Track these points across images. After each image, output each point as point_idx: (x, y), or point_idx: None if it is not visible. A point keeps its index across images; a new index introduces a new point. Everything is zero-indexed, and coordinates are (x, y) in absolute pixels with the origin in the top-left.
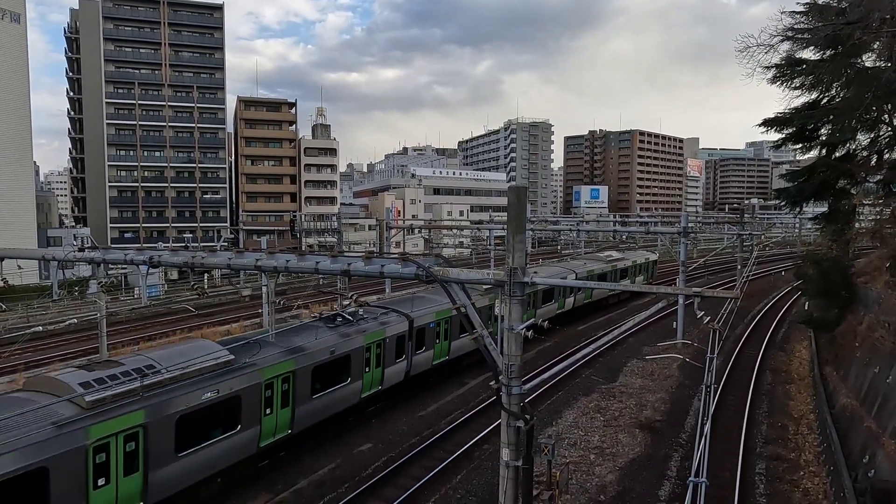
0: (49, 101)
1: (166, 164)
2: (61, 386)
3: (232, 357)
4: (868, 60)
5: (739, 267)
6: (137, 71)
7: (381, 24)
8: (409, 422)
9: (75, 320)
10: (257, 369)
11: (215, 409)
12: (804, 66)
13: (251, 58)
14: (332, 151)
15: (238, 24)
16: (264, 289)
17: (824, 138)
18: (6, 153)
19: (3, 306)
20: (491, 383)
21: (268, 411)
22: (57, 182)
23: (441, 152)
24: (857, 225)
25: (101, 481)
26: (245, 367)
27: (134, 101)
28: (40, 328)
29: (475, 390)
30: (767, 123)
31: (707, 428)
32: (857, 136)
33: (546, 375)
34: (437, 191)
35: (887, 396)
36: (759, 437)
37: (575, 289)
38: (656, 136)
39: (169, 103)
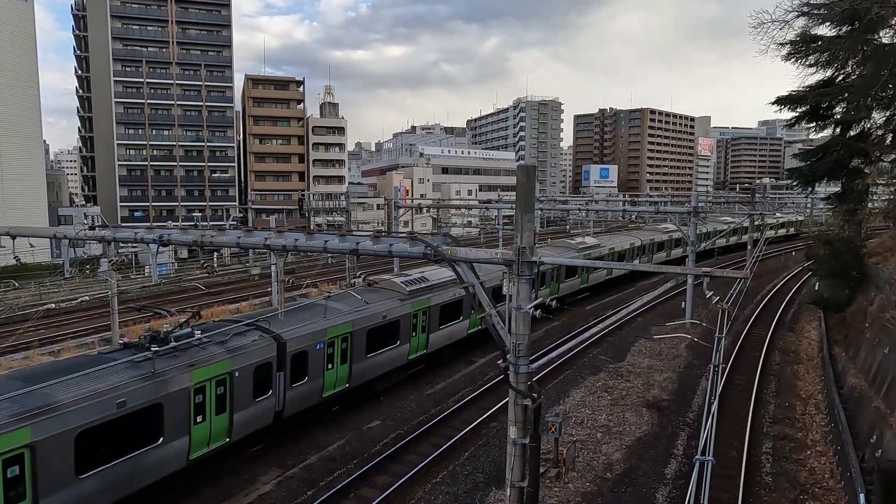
0: (57, 79)
1: (175, 143)
2: (397, 284)
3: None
4: (885, 37)
5: (749, 247)
6: (145, 49)
7: (387, 1)
8: (418, 399)
9: (87, 298)
10: None
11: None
12: (819, 43)
13: (257, 35)
14: (341, 130)
15: (243, 0)
16: (273, 267)
17: (839, 117)
18: (16, 132)
19: (17, 284)
20: (499, 362)
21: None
22: (67, 161)
23: (450, 131)
24: (869, 205)
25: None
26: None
27: (142, 80)
28: (53, 305)
29: (483, 369)
30: (781, 101)
31: (714, 407)
32: (873, 115)
33: (554, 354)
34: (445, 170)
35: None
36: (767, 416)
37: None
38: (667, 114)
39: (177, 81)
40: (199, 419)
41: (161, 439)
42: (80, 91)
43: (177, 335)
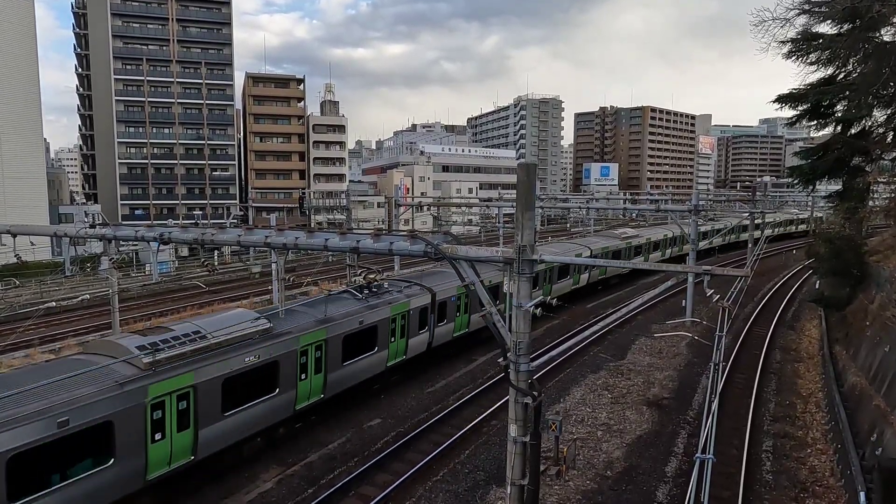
0: (57, 77)
1: (175, 141)
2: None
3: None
4: (887, 34)
5: (750, 245)
6: (145, 47)
7: None
8: (418, 397)
9: (87, 296)
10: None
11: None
12: (821, 41)
13: (256, 33)
14: (341, 128)
15: None
16: (274, 266)
17: (840, 115)
18: (17, 130)
19: (17, 282)
20: (499, 360)
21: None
22: (67, 159)
23: (450, 129)
24: (870, 203)
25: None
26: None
27: (142, 78)
28: (53, 304)
29: (483, 367)
30: (782, 100)
31: (715, 405)
32: (874, 113)
33: (554, 353)
34: (445, 168)
35: None
36: (767, 414)
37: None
38: (668, 112)
39: (177, 79)
40: (391, 339)
41: (376, 349)
42: (81, 89)
43: (375, 285)
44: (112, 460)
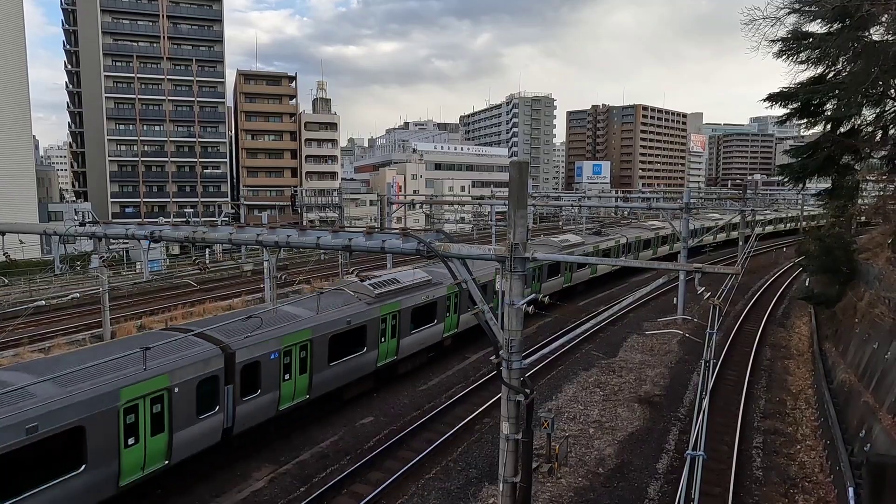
0: (46, 74)
1: (166, 139)
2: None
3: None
4: (876, 34)
5: (741, 243)
6: (136, 44)
7: None
8: (411, 395)
9: (78, 294)
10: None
11: None
12: (811, 40)
13: (247, 30)
14: (333, 126)
15: None
16: (266, 264)
17: (829, 113)
18: (5, 127)
19: (6, 280)
20: (491, 358)
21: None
22: (57, 156)
23: (442, 127)
24: (860, 201)
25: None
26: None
27: (133, 75)
28: (43, 302)
29: (476, 365)
30: (772, 98)
31: (706, 402)
32: (863, 111)
33: (546, 350)
34: (438, 166)
35: (886, 372)
36: (758, 411)
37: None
38: (660, 110)
39: (168, 77)
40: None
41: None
42: (70, 86)
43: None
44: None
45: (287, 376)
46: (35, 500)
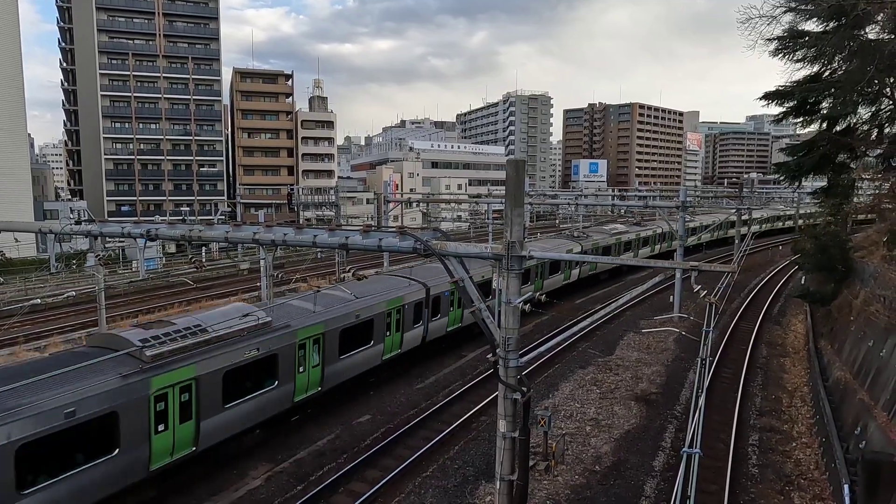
0: (42, 72)
1: (162, 137)
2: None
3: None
4: (871, 32)
5: (737, 241)
6: (131, 41)
7: None
8: (408, 393)
9: (73, 293)
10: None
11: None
12: (807, 38)
13: (243, 28)
14: (330, 124)
15: None
16: (262, 262)
17: (825, 112)
18: (0, 125)
19: (2, 279)
20: (488, 356)
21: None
22: (52, 155)
23: (439, 125)
24: (855, 199)
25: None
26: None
27: (128, 73)
28: (39, 301)
29: (473, 363)
30: (768, 97)
31: (702, 400)
32: (859, 110)
33: (543, 348)
34: (435, 164)
35: (881, 369)
36: (753, 409)
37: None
38: (656, 109)
39: (164, 74)
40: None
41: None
42: (66, 84)
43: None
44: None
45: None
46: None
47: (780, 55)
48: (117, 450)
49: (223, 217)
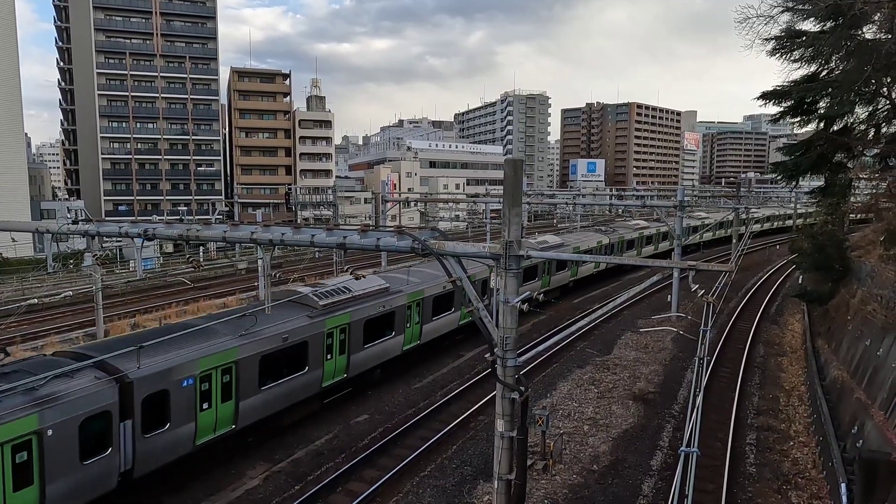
0: (38, 71)
1: (160, 136)
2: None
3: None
4: (868, 32)
5: (735, 241)
6: (128, 41)
7: None
8: (406, 393)
9: (71, 293)
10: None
11: None
12: (804, 38)
13: (240, 28)
14: (327, 124)
15: None
16: (260, 262)
17: (822, 111)
18: None
19: None
20: (486, 356)
21: None
22: (49, 154)
23: (437, 125)
24: (852, 199)
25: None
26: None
27: (125, 72)
28: (36, 300)
29: (471, 362)
30: (766, 96)
31: (699, 399)
32: (856, 110)
33: (541, 348)
34: (433, 164)
35: (878, 368)
36: (751, 408)
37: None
38: (654, 108)
39: (161, 74)
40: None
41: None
42: (63, 83)
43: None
44: None
45: None
46: None
47: (778, 55)
48: (307, 367)
49: (221, 217)
